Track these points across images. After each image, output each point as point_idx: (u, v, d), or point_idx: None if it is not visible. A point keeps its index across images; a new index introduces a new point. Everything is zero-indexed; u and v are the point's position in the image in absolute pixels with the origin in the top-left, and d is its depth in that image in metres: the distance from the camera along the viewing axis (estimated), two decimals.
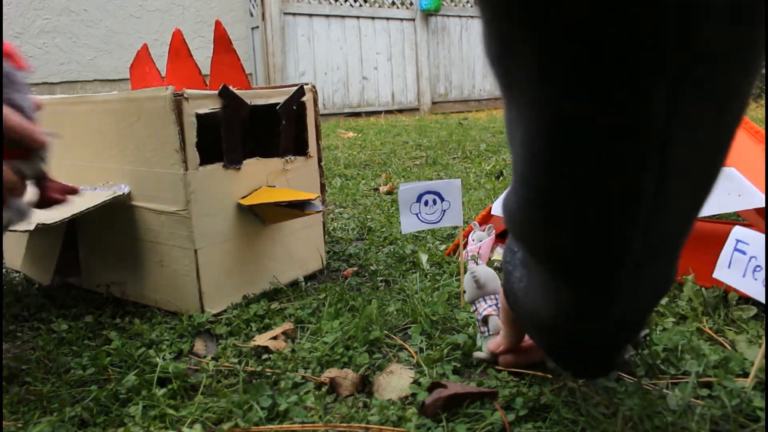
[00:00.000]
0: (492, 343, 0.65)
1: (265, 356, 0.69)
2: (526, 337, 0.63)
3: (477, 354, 0.68)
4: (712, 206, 0.81)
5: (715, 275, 0.63)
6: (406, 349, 0.71)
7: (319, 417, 0.57)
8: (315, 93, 0.99)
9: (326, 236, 1.06)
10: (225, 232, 0.86)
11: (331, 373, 0.63)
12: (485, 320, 0.67)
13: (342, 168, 2.33)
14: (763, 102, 6.19)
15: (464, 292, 0.70)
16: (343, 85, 5.58)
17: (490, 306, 0.68)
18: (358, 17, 5.58)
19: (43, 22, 4.49)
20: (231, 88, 0.84)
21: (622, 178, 0.33)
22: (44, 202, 0.59)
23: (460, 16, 6.19)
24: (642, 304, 0.44)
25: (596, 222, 0.36)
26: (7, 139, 0.51)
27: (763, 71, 6.50)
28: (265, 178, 0.92)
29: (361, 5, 5.60)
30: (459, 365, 0.67)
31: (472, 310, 0.69)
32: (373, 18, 5.67)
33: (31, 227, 0.77)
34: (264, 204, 0.86)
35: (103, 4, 4.72)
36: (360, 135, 3.75)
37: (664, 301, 0.82)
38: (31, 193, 0.57)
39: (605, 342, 0.47)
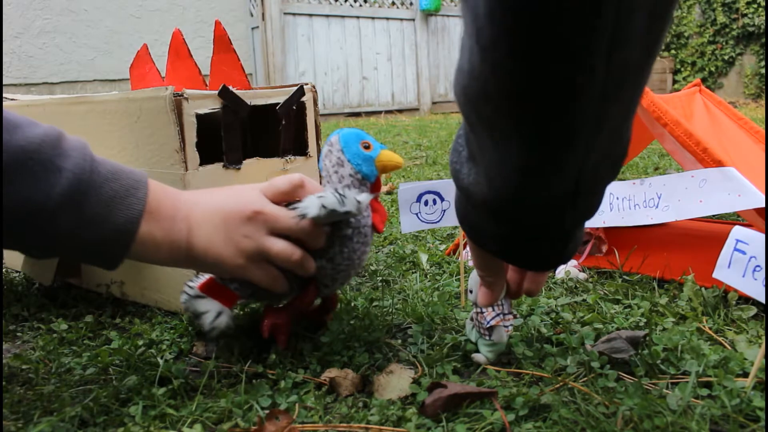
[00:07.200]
0: (482, 297, 0.63)
1: (265, 356, 0.69)
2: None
3: (477, 357, 0.67)
4: (712, 206, 0.81)
5: (715, 275, 0.63)
6: (406, 349, 0.71)
7: (319, 417, 0.57)
8: (315, 93, 0.99)
9: None
10: None
11: (331, 373, 0.63)
12: (491, 329, 0.66)
13: None
14: (762, 102, 6.19)
15: (470, 291, 0.68)
16: (343, 85, 5.58)
17: (498, 315, 0.66)
18: (358, 17, 5.58)
19: (43, 22, 4.50)
20: (231, 88, 0.84)
21: None
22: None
23: (460, 16, 6.19)
24: (597, 160, 0.43)
25: (561, 37, 0.35)
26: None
27: (763, 72, 6.43)
28: (265, 178, 0.91)
29: (361, 5, 5.60)
30: (459, 365, 0.67)
31: (475, 311, 0.68)
32: (373, 18, 5.68)
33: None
34: None
35: (103, 4, 4.72)
36: None
37: (663, 300, 0.82)
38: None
39: (559, 209, 0.47)
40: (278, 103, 0.92)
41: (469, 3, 0.37)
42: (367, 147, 0.68)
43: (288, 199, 0.67)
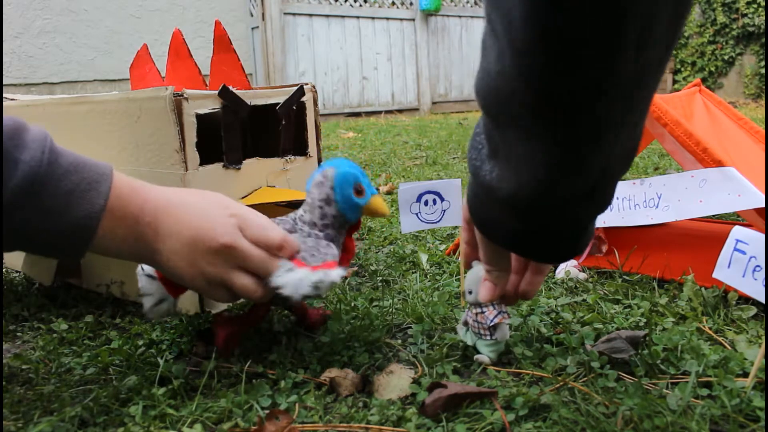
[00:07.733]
0: (486, 292, 0.63)
1: (265, 356, 0.69)
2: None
3: (481, 358, 0.67)
4: (712, 206, 0.81)
5: (715, 275, 0.63)
6: (406, 349, 0.71)
7: (319, 417, 0.57)
8: (315, 93, 0.99)
9: None
10: None
11: (331, 373, 0.63)
12: (494, 327, 0.65)
13: None
14: (762, 102, 6.19)
15: (469, 292, 0.67)
16: (343, 85, 5.58)
17: (501, 313, 0.65)
18: (358, 17, 5.58)
19: (43, 22, 4.50)
20: (231, 88, 0.84)
21: None
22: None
23: (460, 16, 6.19)
24: (616, 154, 0.45)
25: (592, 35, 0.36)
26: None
27: (763, 72, 6.42)
28: (265, 178, 0.92)
29: (361, 5, 5.60)
30: (459, 365, 0.67)
31: (474, 312, 0.67)
32: (373, 18, 5.67)
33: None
34: (264, 204, 0.86)
35: (103, 4, 4.72)
36: (360, 135, 3.76)
37: (663, 300, 0.82)
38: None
39: (581, 203, 0.48)
40: (278, 103, 0.92)
41: (501, 8, 0.38)
42: (359, 192, 0.69)
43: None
